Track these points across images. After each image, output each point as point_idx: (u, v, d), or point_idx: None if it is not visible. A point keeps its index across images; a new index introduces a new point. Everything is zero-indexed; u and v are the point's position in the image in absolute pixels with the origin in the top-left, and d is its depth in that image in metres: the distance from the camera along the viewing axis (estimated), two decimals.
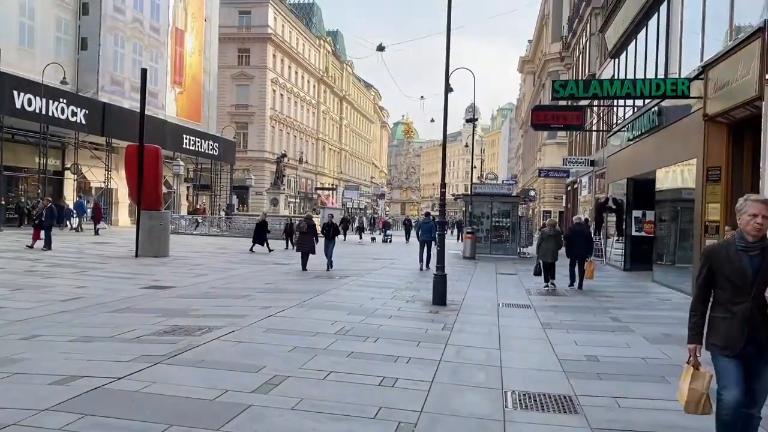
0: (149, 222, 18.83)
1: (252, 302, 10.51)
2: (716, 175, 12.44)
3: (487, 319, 9.73)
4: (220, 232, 34.50)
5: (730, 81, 11.36)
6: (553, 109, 25.41)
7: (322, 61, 72.57)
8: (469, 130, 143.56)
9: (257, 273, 15.63)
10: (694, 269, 13.10)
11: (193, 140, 39.21)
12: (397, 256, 23.45)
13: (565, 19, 45.00)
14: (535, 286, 14.78)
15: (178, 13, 40.45)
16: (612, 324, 9.67)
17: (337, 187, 75.53)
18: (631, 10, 18.56)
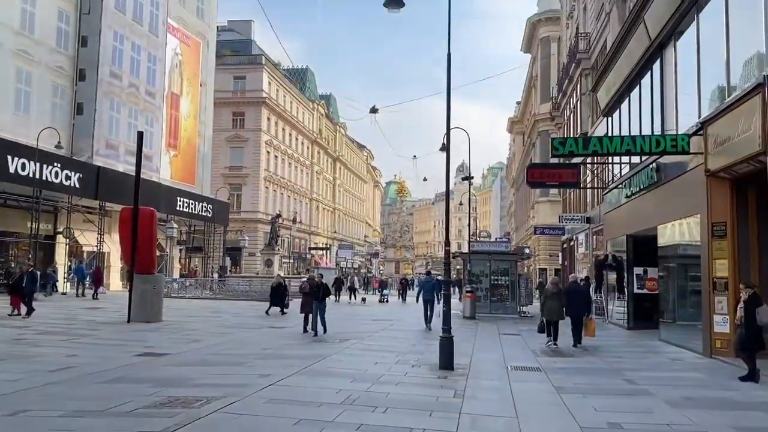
0: (142, 286, 18.40)
1: (251, 370, 10.07)
2: (722, 231, 12.28)
3: (498, 384, 9.33)
4: (213, 295, 33.92)
5: (731, 136, 11.35)
6: (549, 167, 25.57)
7: (315, 123, 73.44)
8: (461, 189, 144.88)
9: (254, 338, 15.16)
10: (703, 327, 12.81)
11: (186, 202, 39.05)
12: (395, 316, 22.98)
13: (553, 80, 45.95)
14: (540, 346, 14.42)
15: (174, 78, 40.98)
16: (628, 387, 9.28)
17: (331, 247, 75.19)
18: (623, 71, 18.80)
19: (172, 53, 40.45)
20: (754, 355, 9.71)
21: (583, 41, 28.35)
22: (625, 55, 18.15)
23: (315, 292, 15.68)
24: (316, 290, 15.74)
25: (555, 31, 45.61)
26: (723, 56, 12.12)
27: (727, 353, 11.95)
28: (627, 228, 19.49)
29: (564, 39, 37.35)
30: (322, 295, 15.79)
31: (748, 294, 9.87)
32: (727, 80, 11.79)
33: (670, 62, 15.33)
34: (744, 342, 9.77)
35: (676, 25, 14.49)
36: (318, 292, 15.76)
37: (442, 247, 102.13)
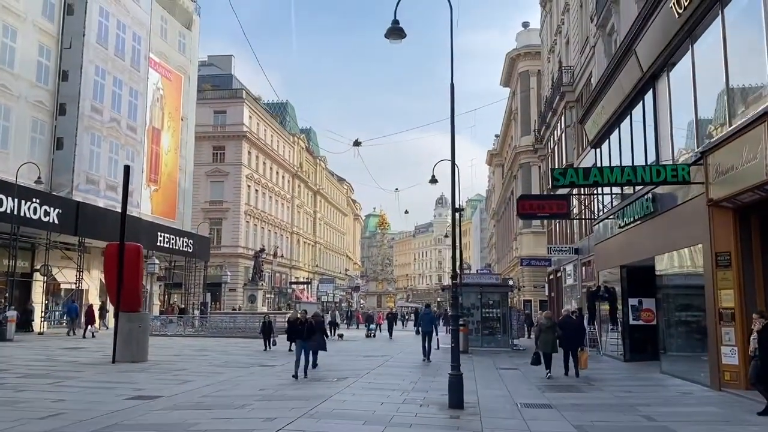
0: (128, 324, 17.78)
1: (252, 413, 9.58)
2: (726, 261, 12.16)
3: (514, 424, 8.96)
4: (195, 332, 33.07)
5: (734, 165, 11.29)
6: (538, 198, 25.61)
7: (296, 157, 73.30)
8: (440, 222, 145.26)
9: (246, 377, 14.59)
10: (710, 359, 12.59)
11: (167, 237, 38.37)
12: (386, 352, 22.48)
13: (533, 113, 46.47)
14: (544, 381, 14.11)
15: (155, 112, 40.63)
16: (648, 424, 8.96)
17: (312, 281, 74.39)
18: (612, 102, 18.90)
19: (154, 88, 40.18)
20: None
21: (566, 74, 28.65)
22: (615, 87, 18.25)
23: (299, 330, 14.43)
24: (299, 328, 14.45)
25: (534, 66, 46.29)
26: (721, 86, 12.16)
27: (737, 386, 11.74)
28: (621, 258, 19.37)
29: (545, 72, 37.82)
30: (307, 333, 14.28)
31: (762, 324, 9.68)
32: (728, 109, 11.79)
33: (663, 93, 15.40)
34: (760, 374, 9.55)
35: (669, 56, 14.57)
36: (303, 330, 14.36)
37: (422, 279, 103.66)
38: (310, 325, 14.50)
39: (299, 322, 14.66)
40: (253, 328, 29.65)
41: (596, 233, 22.88)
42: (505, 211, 62.25)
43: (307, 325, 14.38)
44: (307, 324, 14.44)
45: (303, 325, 14.54)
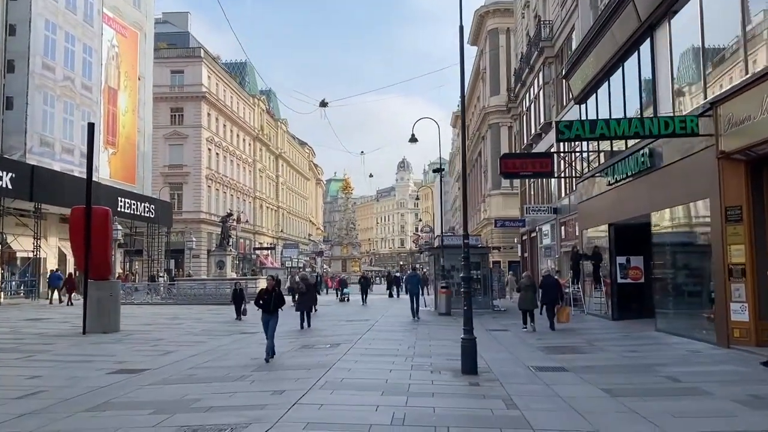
0: (98, 293, 16.70)
1: (255, 385, 8.81)
2: (737, 215, 11.75)
3: (540, 389, 8.41)
4: (163, 300, 31.90)
5: (751, 115, 10.79)
6: (522, 156, 25.05)
7: (257, 120, 71.28)
8: (403, 186, 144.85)
9: (233, 346, 13.76)
10: (718, 316, 12.29)
11: (128, 202, 36.77)
12: (367, 316, 21.84)
13: (503, 72, 45.73)
14: (542, 342, 13.72)
15: (111, 71, 38.49)
16: (679, 386, 8.50)
17: (276, 246, 73.24)
18: (603, 54, 18.26)
19: (108, 44, 37.98)
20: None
21: (545, 29, 27.92)
22: (607, 39, 17.58)
23: (267, 301, 11.75)
24: (266, 299, 11.77)
25: (504, 23, 45.36)
26: (733, 33, 11.61)
27: (747, 342, 11.47)
28: (610, 217, 18.99)
29: (519, 29, 37.02)
30: (273, 305, 11.78)
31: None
32: (745, 55, 11.24)
33: (663, 43, 14.81)
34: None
35: (672, 3, 13.94)
36: (270, 301, 11.74)
37: (384, 243, 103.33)
38: (279, 296, 11.91)
39: (265, 290, 11.96)
40: (224, 294, 28.69)
41: (579, 192, 22.49)
42: (472, 172, 61.89)
43: (274, 295, 11.78)
44: (275, 293, 11.81)
45: (270, 294, 11.83)
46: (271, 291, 11.83)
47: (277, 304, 11.83)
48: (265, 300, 11.77)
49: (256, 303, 11.84)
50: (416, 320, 19.98)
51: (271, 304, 11.73)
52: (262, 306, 11.77)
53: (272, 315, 11.73)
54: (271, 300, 11.73)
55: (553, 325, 16.56)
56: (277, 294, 11.87)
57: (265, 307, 11.76)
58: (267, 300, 11.75)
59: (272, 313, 11.73)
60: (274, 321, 11.75)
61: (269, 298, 11.76)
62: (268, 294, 11.81)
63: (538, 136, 30.49)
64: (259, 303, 11.80)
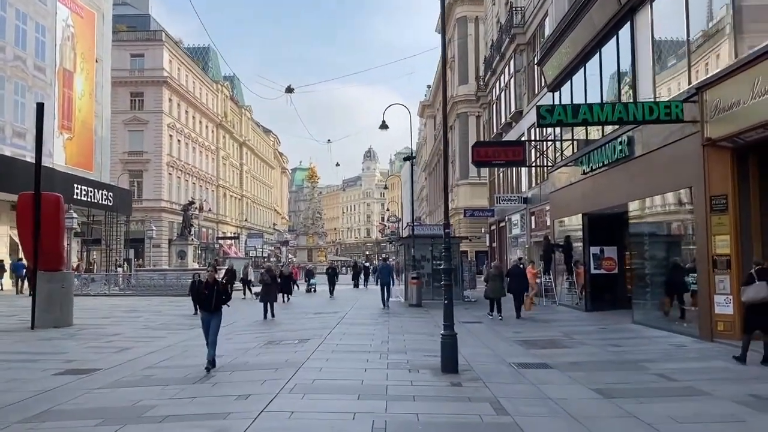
0: (48, 285, 15.63)
1: (218, 389, 8.03)
2: (722, 205, 11.36)
3: (527, 390, 7.82)
4: (121, 291, 30.65)
5: (740, 100, 10.36)
6: (495, 145, 24.53)
7: (220, 106, 69.58)
8: (369, 175, 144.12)
9: (194, 343, 12.81)
10: (701, 309, 11.91)
11: (84, 190, 35.15)
12: (336, 308, 21.10)
13: (471, 61, 45.22)
14: (519, 336, 13.22)
15: (66, 52, 36.69)
16: (673, 385, 8.02)
17: (240, 236, 71.83)
18: (579, 40, 17.79)
19: (63, 24, 36.15)
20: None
21: (517, 15, 27.40)
22: (584, 23, 17.10)
23: (208, 297, 9.74)
24: (207, 294, 9.76)
25: (472, 11, 44.82)
26: (724, 11, 11.16)
27: (731, 336, 11.07)
28: (584, 206, 18.60)
29: (490, 16, 36.48)
30: (215, 302, 9.74)
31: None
32: (734, 37, 10.79)
33: (644, 25, 14.35)
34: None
35: None
36: (210, 297, 9.72)
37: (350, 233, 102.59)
38: (220, 292, 9.78)
39: (205, 283, 9.87)
40: (185, 285, 27.50)
41: (552, 181, 22.08)
42: (439, 162, 61.45)
43: (216, 290, 9.73)
44: (217, 288, 9.78)
45: (211, 288, 9.73)
46: (212, 284, 9.77)
47: (220, 301, 9.77)
48: (204, 296, 9.76)
49: (194, 298, 10.01)
50: (386, 309, 20.36)
51: (212, 300, 9.68)
52: (200, 303, 9.90)
53: (213, 314, 9.74)
54: (212, 295, 9.69)
55: (518, 313, 17.18)
56: (219, 288, 9.82)
57: (204, 305, 9.79)
58: (207, 296, 9.73)
59: (213, 312, 9.74)
60: (216, 321, 9.78)
61: (210, 293, 9.70)
62: (209, 288, 9.73)
63: (508, 125, 30.07)
64: (197, 299, 9.90)
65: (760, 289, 9.10)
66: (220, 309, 9.80)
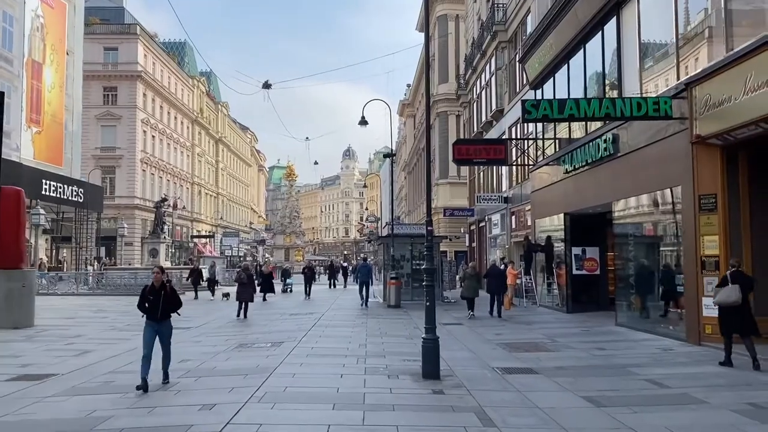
0: (7, 284, 14.87)
1: (181, 397, 7.44)
2: (711, 204, 11.02)
3: (512, 398, 7.35)
4: (91, 291, 29.73)
5: (732, 96, 10.01)
6: (476, 143, 24.14)
7: (196, 102, 68.42)
8: (348, 174, 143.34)
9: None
10: (688, 312, 11.57)
11: (54, 185, 34.10)
12: (312, 309, 20.51)
13: (451, 59, 44.87)
14: (501, 338, 12.79)
15: (35, 43, 35.56)
16: (666, 392, 7.61)
17: (215, 234, 70.70)
18: (563, 36, 17.44)
19: (33, 14, 35.03)
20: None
21: (499, 12, 27.03)
22: (568, 19, 16.74)
23: (153, 303, 8.17)
24: (153, 300, 8.18)
25: (453, 9, 44.48)
26: (715, 5, 10.83)
27: (719, 339, 10.69)
28: (566, 206, 18.24)
29: (471, 13, 36.11)
30: (162, 308, 8.15)
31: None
32: (726, 32, 10.45)
33: (630, 20, 14.00)
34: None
35: None
36: (157, 303, 8.14)
37: (329, 233, 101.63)
38: (168, 297, 8.22)
39: (151, 288, 8.27)
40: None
41: (533, 180, 21.72)
42: (419, 162, 61.13)
43: (164, 295, 8.18)
44: (165, 292, 8.21)
45: (158, 292, 8.21)
46: (159, 289, 8.18)
47: (169, 308, 8.25)
48: (150, 302, 8.14)
49: (139, 306, 8.22)
50: (364, 307, 20.65)
51: (158, 307, 8.10)
52: (145, 311, 8.19)
53: (162, 323, 8.21)
54: (159, 302, 8.11)
55: (500, 312, 17.44)
56: (168, 293, 8.23)
57: (150, 313, 8.15)
58: (153, 301, 8.13)
59: (161, 321, 8.20)
60: (166, 332, 8.28)
61: (156, 298, 8.14)
62: (155, 293, 8.16)
63: (488, 124, 29.70)
64: (142, 306, 8.21)
65: (732, 292, 9.03)
66: (168, 317, 8.31)
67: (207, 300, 24.57)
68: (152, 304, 8.17)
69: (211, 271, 27.65)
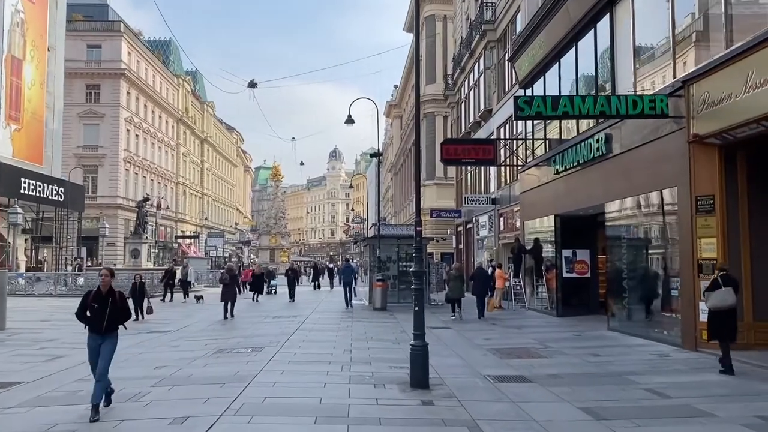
0: None
1: (151, 409, 6.94)
2: (709, 206, 10.67)
3: (506, 409, 6.92)
4: (69, 292, 28.96)
5: (732, 94, 9.66)
6: (464, 142, 23.74)
7: (181, 101, 67.58)
8: (334, 175, 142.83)
9: (135, 350, 11.69)
10: (684, 317, 11.21)
11: (33, 184, 33.34)
12: (295, 312, 20.02)
13: (438, 60, 44.55)
14: (490, 343, 12.39)
15: (15, 39, 34.74)
16: (667, 403, 7.21)
17: (200, 235, 69.90)
18: (554, 34, 17.07)
19: (12, 9, 34.23)
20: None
21: (488, 11, 26.67)
22: (560, 17, 16.38)
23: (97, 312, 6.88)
24: (97, 308, 6.89)
25: (441, 10, 44.17)
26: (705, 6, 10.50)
27: (717, 345, 10.38)
28: (556, 207, 17.88)
29: (459, 12, 35.76)
30: (109, 318, 6.88)
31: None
32: (726, 28, 10.09)
33: (624, 17, 13.66)
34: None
35: None
36: (102, 312, 6.86)
37: (314, 234, 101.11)
38: (117, 306, 6.97)
39: (96, 294, 7.01)
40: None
41: (522, 181, 21.36)
42: (405, 163, 60.82)
43: (111, 303, 6.89)
44: (112, 300, 6.93)
45: (105, 300, 6.90)
46: (107, 296, 6.90)
47: (116, 319, 6.96)
48: (94, 311, 6.83)
49: (79, 315, 6.98)
50: (349, 310, 20.63)
51: (104, 317, 6.80)
52: (87, 321, 6.93)
53: (106, 337, 6.90)
54: (105, 311, 6.80)
55: (482, 313, 17.76)
56: (117, 301, 6.95)
57: (92, 323, 6.87)
58: (98, 311, 6.81)
59: (105, 334, 6.88)
60: (109, 347, 6.91)
61: (102, 307, 6.81)
62: (101, 300, 6.86)
63: (477, 124, 29.32)
64: (83, 316, 6.95)
65: (727, 295, 8.88)
66: (115, 330, 7.02)
67: (179, 302, 23.93)
68: (96, 314, 6.83)
69: (183, 273, 26.71)
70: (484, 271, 20.34)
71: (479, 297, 18.09)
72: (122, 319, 7.15)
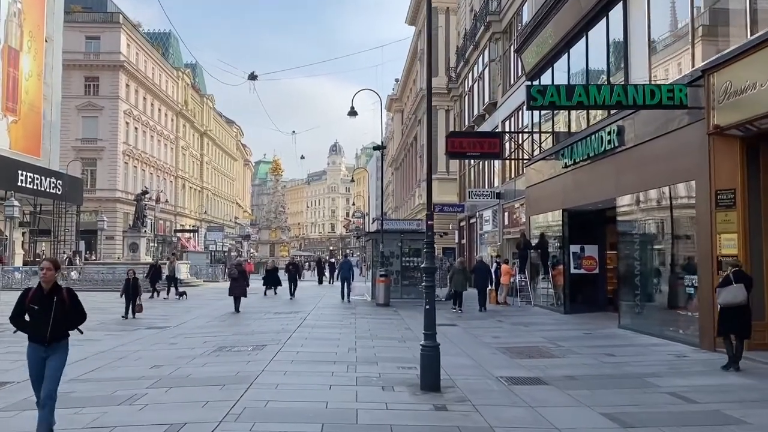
0: None
1: (146, 413, 6.51)
2: (730, 200, 10.24)
3: (525, 416, 6.50)
4: (67, 285, 28.51)
5: (756, 83, 9.22)
6: (470, 135, 23.29)
7: (180, 94, 67.04)
8: (334, 169, 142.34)
9: (132, 347, 11.29)
10: (702, 316, 10.78)
11: (30, 177, 32.97)
12: (296, 308, 19.59)
13: (441, 53, 44.01)
14: (499, 341, 11.98)
15: (12, 29, 34.29)
16: (694, 409, 6.80)
17: (199, 229, 69.46)
18: (563, 23, 16.62)
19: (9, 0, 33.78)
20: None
21: (493, 2, 26.18)
22: (570, 5, 15.92)
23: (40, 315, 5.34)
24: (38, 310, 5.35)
25: (443, 2, 43.60)
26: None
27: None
28: (564, 202, 17.45)
29: (463, 5, 35.24)
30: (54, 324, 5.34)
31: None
32: (749, 13, 9.64)
33: (638, 4, 13.19)
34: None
35: None
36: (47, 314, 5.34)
37: (314, 228, 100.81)
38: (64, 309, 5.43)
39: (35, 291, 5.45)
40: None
41: (528, 175, 20.93)
42: (406, 157, 60.38)
43: (56, 304, 5.37)
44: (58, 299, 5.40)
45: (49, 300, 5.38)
46: (50, 294, 5.39)
47: (64, 324, 5.48)
48: (34, 314, 5.38)
49: (13, 318, 5.50)
50: (346, 303, 21.13)
51: (48, 322, 5.32)
52: (25, 327, 5.48)
53: (52, 349, 5.42)
54: (48, 315, 5.33)
55: (484, 307, 18.25)
56: (64, 300, 5.43)
57: (33, 331, 5.43)
58: (39, 314, 5.35)
59: (51, 345, 5.40)
60: (56, 362, 5.44)
61: (44, 309, 5.35)
62: (42, 301, 5.38)
63: (481, 117, 28.88)
64: (19, 321, 5.49)
65: (738, 292, 8.71)
66: (64, 339, 5.53)
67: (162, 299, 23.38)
68: (38, 318, 5.35)
69: (170, 268, 25.91)
70: (484, 264, 20.56)
71: (480, 290, 18.57)
72: (75, 323, 5.60)
